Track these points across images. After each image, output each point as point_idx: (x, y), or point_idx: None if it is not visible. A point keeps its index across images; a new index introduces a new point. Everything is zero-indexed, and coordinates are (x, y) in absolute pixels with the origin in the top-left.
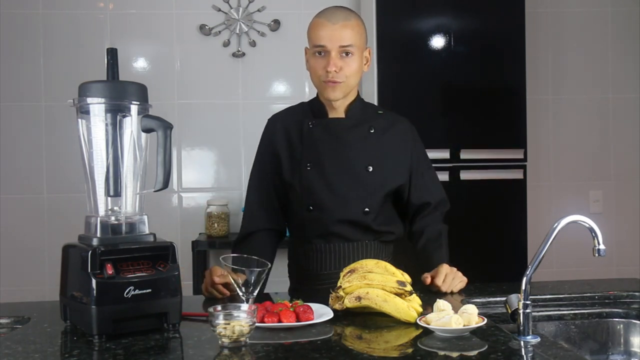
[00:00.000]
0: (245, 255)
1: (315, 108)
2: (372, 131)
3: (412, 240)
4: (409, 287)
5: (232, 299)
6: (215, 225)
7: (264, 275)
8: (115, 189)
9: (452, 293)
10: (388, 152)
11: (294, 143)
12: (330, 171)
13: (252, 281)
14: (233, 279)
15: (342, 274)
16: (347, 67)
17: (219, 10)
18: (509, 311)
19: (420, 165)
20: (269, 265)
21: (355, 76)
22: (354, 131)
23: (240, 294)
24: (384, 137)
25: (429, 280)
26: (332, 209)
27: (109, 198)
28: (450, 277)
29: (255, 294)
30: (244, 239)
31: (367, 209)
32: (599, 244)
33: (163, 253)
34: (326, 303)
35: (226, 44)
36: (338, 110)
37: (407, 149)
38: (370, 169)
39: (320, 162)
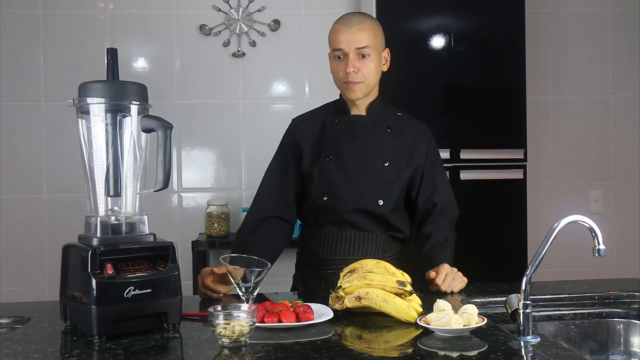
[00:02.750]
0: (245, 255)
1: (338, 106)
2: (390, 131)
3: (418, 243)
4: (409, 287)
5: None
6: (215, 225)
7: (264, 274)
8: (115, 189)
9: (452, 293)
10: (404, 152)
11: (316, 138)
12: (349, 163)
13: (252, 281)
14: (232, 278)
15: (342, 274)
16: (364, 67)
17: (219, 10)
18: (509, 311)
19: (432, 168)
20: (269, 265)
21: (374, 76)
22: (373, 128)
23: (240, 294)
24: (401, 138)
25: (433, 275)
26: (347, 198)
27: (109, 198)
28: (450, 277)
29: (255, 294)
30: (252, 226)
31: (381, 201)
32: (599, 244)
33: (163, 253)
34: (326, 302)
35: (226, 44)
36: (359, 108)
37: (422, 151)
38: (387, 164)
39: (339, 155)
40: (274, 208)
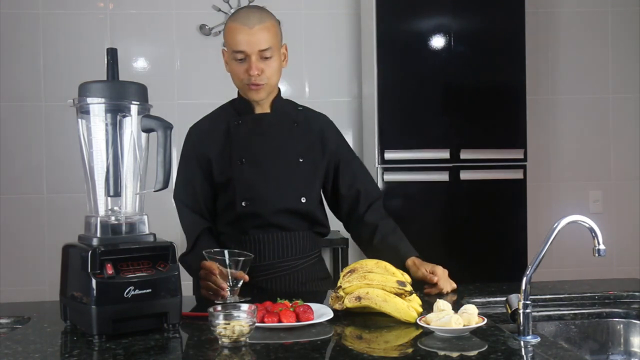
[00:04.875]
0: (228, 250)
1: (239, 107)
2: (296, 125)
3: (363, 235)
4: (409, 287)
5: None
6: None
7: (248, 264)
8: (115, 189)
9: (447, 293)
10: (313, 145)
11: (221, 144)
12: (264, 164)
13: (237, 274)
14: (218, 272)
15: (342, 274)
16: (268, 68)
17: (219, 10)
18: (509, 311)
19: (345, 155)
20: (252, 256)
21: (277, 76)
22: (280, 125)
23: (224, 286)
24: (309, 131)
25: (435, 280)
26: (269, 199)
27: (109, 198)
28: (446, 278)
29: (239, 285)
30: (194, 245)
31: (303, 199)
32: (599, 244)
33: (163, 253)
34: (325, 303)
35: None
36: (263, 106)
37: (331, 141)
38: (302, 159)
39: (252, 156)
40: (201, 222)
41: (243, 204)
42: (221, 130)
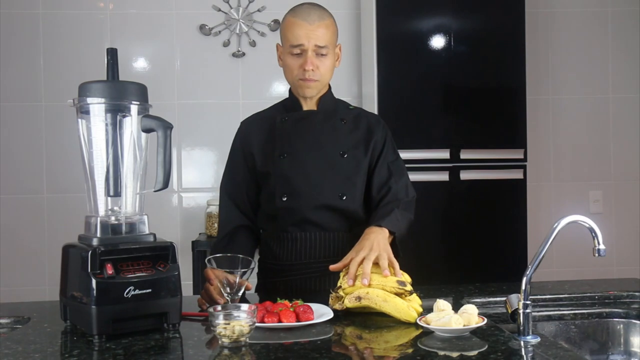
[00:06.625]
0: (230, 255)
1: (288, 104)
2: (344, 122)
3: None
4: (409, 287)
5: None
6: (215, 225)
7: (249, 275)
8: (115, 189)
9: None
10: (360, 142)
11: (266, 137)
12: (305, 159)
13: (238, 282)
14: (219, 281)
15: (342, 274)
16: (322, 65)
17: (219, 10)
18: (509, 311)
19: (387, 155)
20: (254, 265)
21: (329, 73)
22: (327, 122)
23: (225, 294)
24: (356, 129)
25: (333, 266)
26: (307, 195)
27: (109, 198)
28: (365, 252)
29: (240, 294)
30: (224, 239)
31: (342, 194)
32: (599, 244)
33: (163, 253)
34: (325, 303)
35: (226, 44)
36: (311, 103)
37: (378, 138)
38: (345, 155)
39: (294, 151)
40: (238, 218)
41: (283, 199)
42: (267, 126)
